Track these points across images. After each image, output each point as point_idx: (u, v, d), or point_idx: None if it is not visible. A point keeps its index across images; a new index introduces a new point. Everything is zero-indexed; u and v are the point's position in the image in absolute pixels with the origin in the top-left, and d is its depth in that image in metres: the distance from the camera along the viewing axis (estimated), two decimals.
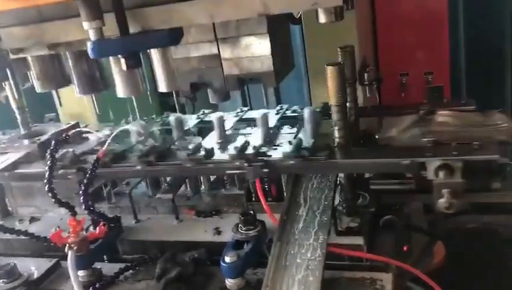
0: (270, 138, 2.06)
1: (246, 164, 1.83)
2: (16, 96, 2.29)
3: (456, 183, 1.55)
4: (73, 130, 2.40)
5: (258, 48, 1.80)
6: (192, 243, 1.99)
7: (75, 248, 1.82)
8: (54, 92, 2.31)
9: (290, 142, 1.87)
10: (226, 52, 1.85)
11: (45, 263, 2.07)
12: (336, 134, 1.86)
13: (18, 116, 2.42)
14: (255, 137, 2.07)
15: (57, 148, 2.00)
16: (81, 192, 1.84)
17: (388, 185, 2.11)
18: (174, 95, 2.43)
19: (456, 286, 1.73)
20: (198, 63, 1.89)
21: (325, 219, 1.80)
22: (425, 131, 1.82)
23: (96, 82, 2.07)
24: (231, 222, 1.94)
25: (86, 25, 1.51)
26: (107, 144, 1.84)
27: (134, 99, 2.51)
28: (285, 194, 2.03)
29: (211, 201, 2.23)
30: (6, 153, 2.33)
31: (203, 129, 2.40)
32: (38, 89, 2.16)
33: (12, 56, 1.99)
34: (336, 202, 1.92)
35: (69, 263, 1.79)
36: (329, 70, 1.76)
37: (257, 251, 1.81)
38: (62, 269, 2.03)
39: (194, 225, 2.14)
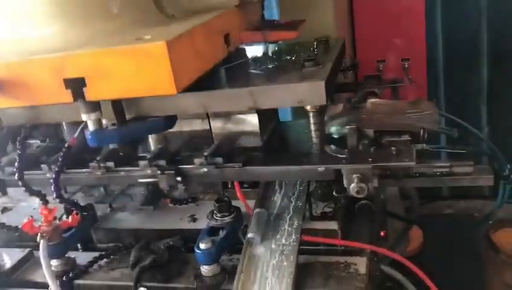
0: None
1: (158, 172, 1.78)
2: None
3: (364, 168, 1.60)
4: None
5: (247, 125, 1.88)
6: (168, 231, 1.97)
7: (47, 237, 1.79)
8: None
9: (206, 149, 1.80)
10: (217, 127, 1.92)
11: (17, 254, 2.03)
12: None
13: None
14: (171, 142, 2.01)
15: (27, 135, 1.96)
16: (52, 180, 1.80)
17: None
18: None
19: (431, 269, 1.74)
20: (189, 137, 1.98)
21: (300, 204, 1.81)
22: (352, 119, 1.84)
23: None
24: (207, 209, 1.91)
25: (84, 116, 1.53)
26: (78, 131, 1.80)
27: None
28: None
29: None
30: None
31: None
32: None
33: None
34: (311, 187, 1.92)
35: (41, 252, 1.75)
36: None
37: (232, 237, 1.79)
38: (35, 259, 2.00)
39: (170, 213, 2.13)
